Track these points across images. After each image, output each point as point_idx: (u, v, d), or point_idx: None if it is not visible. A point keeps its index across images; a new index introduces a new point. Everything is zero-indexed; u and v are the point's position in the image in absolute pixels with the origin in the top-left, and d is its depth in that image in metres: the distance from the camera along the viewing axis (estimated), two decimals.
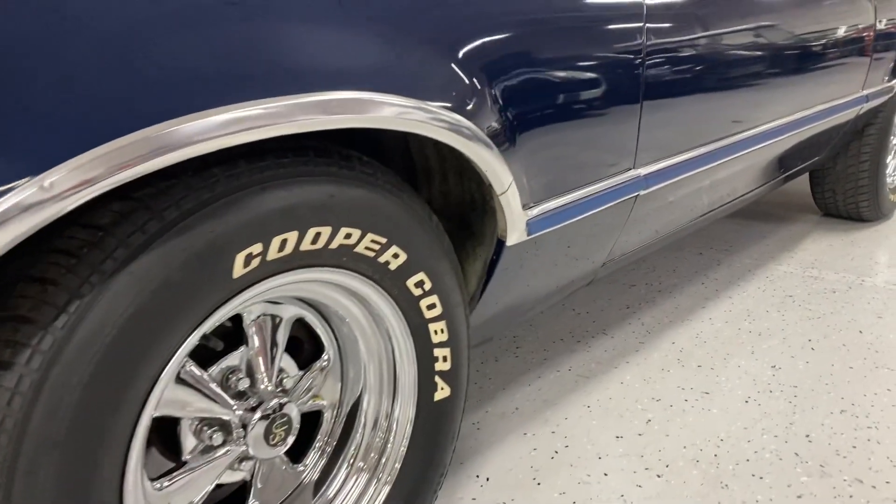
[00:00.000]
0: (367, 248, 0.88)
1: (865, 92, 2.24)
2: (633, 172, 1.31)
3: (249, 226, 0.74)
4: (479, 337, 1.30)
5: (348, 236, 0.85)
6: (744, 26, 1.56)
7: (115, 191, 0.67)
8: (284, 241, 0.78)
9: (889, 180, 2.80)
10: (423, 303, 0.98)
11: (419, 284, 0.96)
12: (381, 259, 0.90)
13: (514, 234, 1.08)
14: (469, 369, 1.11)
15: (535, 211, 1.11)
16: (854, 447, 1.43)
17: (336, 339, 1.01)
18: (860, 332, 1.91)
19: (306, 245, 0.81)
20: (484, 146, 0.93)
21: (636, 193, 1.33)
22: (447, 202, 1.18)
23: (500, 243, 1.10)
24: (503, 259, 1.11)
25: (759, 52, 1.64)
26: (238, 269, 0.75)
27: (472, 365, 1.76)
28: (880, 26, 2.22)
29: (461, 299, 1.05)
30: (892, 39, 2.33)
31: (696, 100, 1.42)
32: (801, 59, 1.82)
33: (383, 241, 0.89)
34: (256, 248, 0.76)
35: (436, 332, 1.00)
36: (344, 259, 0.87)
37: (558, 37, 1.09)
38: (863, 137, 2.53)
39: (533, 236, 1.12)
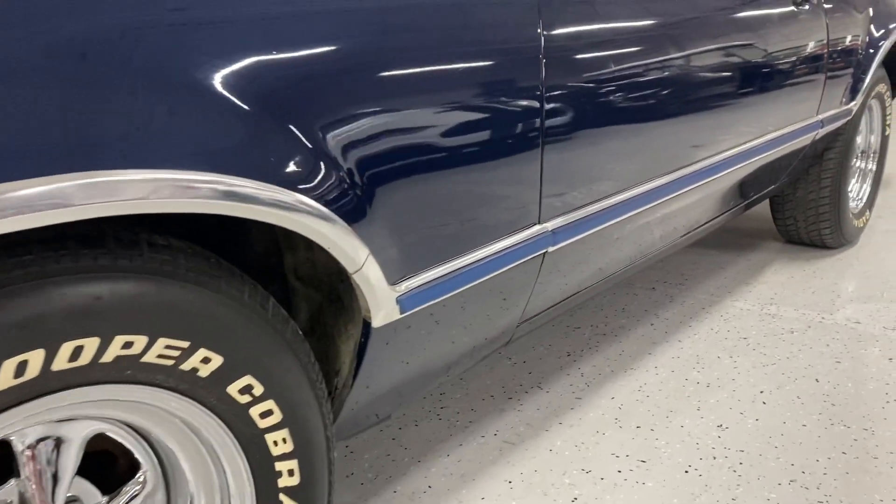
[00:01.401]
0: (160, 356, 0.70)
1: (820, 117, 2.10)
2: (538, 228, 1.15)
3: None
4: (368, 420, 1.13)
5: (128, 345, 0.68)
6: (674, 51, 1.40)
7: None
8: (24, 364, 0.61)
9: (853, 205, 2.66)
10: (255, 411, 0.80)
11: (246, 390, 0.79)
12: (185, 367, 0.73)
13: (381, 315, 0.91)
14: (332, 476, 0.93)
15: (410, 284, 0.94)
16: None
17: (157, 455, 0.84)
18: (816, 380, 1.75)
19: (61, 364, 0.63)
20: (320, 219, 0.77)
21: (543, 251, 1.17)
22: (315, 271, 1.02)
23: (367, 324, 0.93)
24: (372, 342, 0.94)
25: (694, 80, 1.48)
26: None
27: (388, 432, 1.58)
28: (834, 45, 2.08)
29: (314, 398, 0.87)
30: (848, 58, 2.19)
31: (614, 138, 1.26)
32: (743, 85, 1.67)
33: (184, 345, 0.72)
34: None
35: (275, 442, 0.83)
36: (129, 373, 0.69)
37: (425, 76, 0.92)
38: (822, 162, 2.39)
39: (410, 313, 0.96)
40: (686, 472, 1.42)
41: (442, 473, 1.44)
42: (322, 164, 0.77)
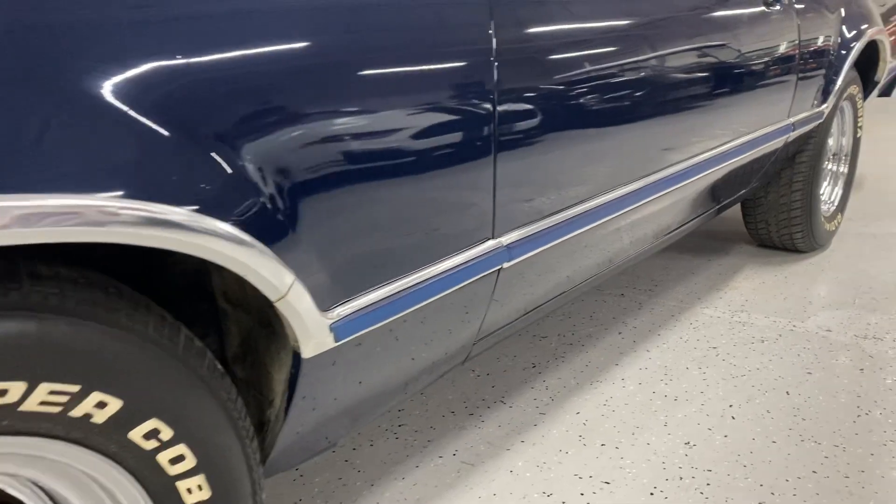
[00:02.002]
0: (44, 403, 0.62)
1: (791, 119, 2.05)
2: (492, 243, 1.07)
3: None
4: (319, 445, 1.05)
5: (2, 393, 0.59)
6: (637, 53, 1.33)
7: None
8: None
9: (825, 208, 2.62)
10: (164, 457, 0.72)
11: (152, 435, 0.70)
12: (76, 413, 0.64)
13: (312, 345, 0.83)
14: None
15: (346, 310, 0.86)
16: None
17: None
18: (787, 392, 1.70)
19: None
20: (229, 242, 0.68)
21: (498, 267, 1.09)
22: (244, 293, 0.93)
23: (297, 355, 0.84)
24: (304, 373, 0.86)
25: (659, 82, 1.42)
26: None
27: (342, 453, 1.50)
28: (806, 46, 2.03)
29: (236, 438, 0.79)
30: (819, 60, 2.14)
31: (574, 145, 1.19)
32: (711, 88, 1.61)
33: (73, 389, 0.63)
34: None
35: (189, 490, 0.75)
36: (5, 423, 0.60)
37: (364, 81, 0.84)
38: (794, 165, 2.34)
39: (347, 340, 0.88)
40: (651, 494, 1.36)
41: (396, 499, 1.36)
42: (233, 177, 0.69)
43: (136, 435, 0.69)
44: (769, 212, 2.46)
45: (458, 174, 0.97)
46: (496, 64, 1.00)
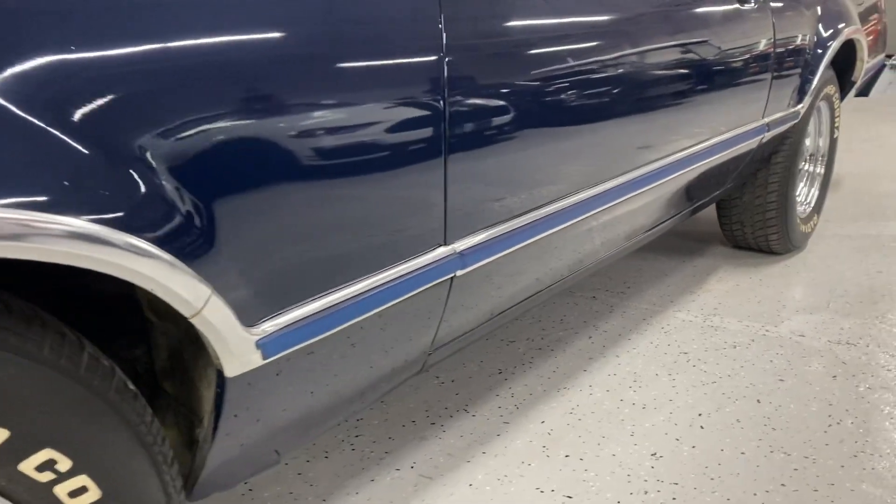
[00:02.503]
0: None
1: (766, 120, 2.01)
2: (443, 250, 1.01)
3: None
4: (267, 459, 0.98)
5: None
6: (601, 49, 1.27)
7: None
8: None
9: (801, 209, 2.58)
10: (62, 489, 0.65)
11: (46, 466, 0.63)
12: None
13: (236, 363, 0.77)
14: None
15: (275, 325, 0.80)
16: None
17: None
18: (758, 401, 1.65)
19: None
20: (130, 253, 0.61)
21: (451, 275, 1.03)
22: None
23: (220, 373, 0.78)
24: (230, 392, 0.79)
25: (627, 80, 1.36)
26: None
27: (294, 465, 1.43)
28: (781, 45, 1.98)
29: (150, 464, 0.72)
30: (795, 59, 2.10)
31: (531, 145, 1.13)
32: (682, 87, 1.56)
33: None
34: None
35: None
36: None
37: (302, 76, 0.77)
38: (769, 166, 2.30)
39: (277, 357, 0.81)
40: None
41: None
42: (134, 181, 0.62)
43: (27, 467, 0.62)
44: (744, 213, 2.42)
45: (402, 177, 0.91)
46: (447, 60, 0.94)
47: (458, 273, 1.04)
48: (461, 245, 1.03)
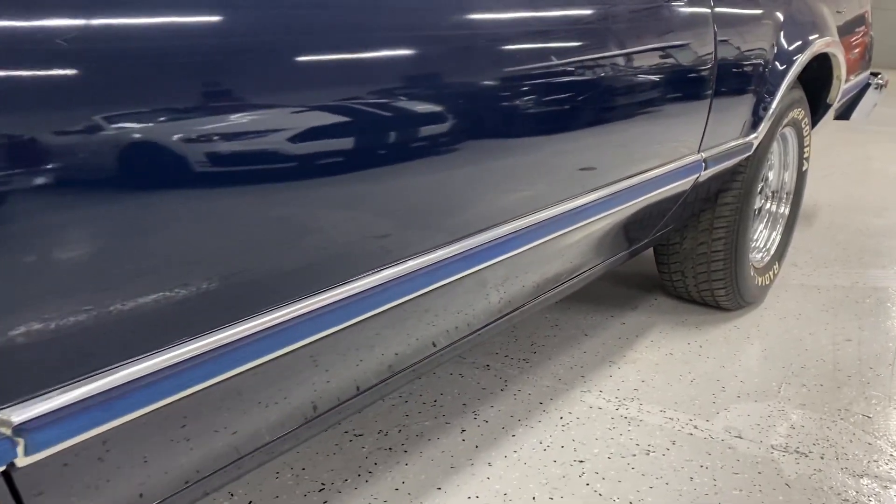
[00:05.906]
0: None
1: (704, 154, 1.55)
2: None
3: None
4: None
5: None
6: (456, 56, 0.82)
7: None
8: None
9: (758, 257, 2.13)
10: None
11: None
12: None
13: None
14: None
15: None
16: None
17: None
18: None
19: None
20: None
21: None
22: None
23: None
24: None
25: (494, 102, 0.90)
26: None
27: None
28: (725, 57, 1.52)
29: None
30: (746, 75, 1.64)
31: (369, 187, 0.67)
32: (571, 113, 1.10)
33: None
34: None
35: None
36: None
37: None
38: (716, 207, 1.85)
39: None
40: None
41: None
42: None
43: None
44: (685, 262, 1.97)
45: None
46: None
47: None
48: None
